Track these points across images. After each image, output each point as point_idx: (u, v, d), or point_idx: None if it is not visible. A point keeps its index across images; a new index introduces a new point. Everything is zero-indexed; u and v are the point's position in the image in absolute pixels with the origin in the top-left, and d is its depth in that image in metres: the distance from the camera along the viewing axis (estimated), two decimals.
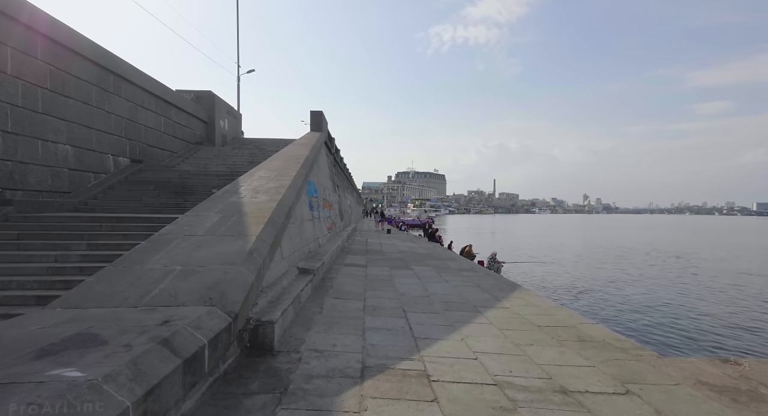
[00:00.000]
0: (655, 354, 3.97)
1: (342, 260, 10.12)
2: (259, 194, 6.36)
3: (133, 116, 10.76)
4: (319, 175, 12.25)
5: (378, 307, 5.54)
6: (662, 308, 14.07)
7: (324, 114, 16.26)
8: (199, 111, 14.27)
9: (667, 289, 17.50)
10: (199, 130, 14.35)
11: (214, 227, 4.75)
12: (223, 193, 6.38)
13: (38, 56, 8.18)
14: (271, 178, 7.51)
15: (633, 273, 21.88)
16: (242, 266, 3.76)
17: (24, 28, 7.88)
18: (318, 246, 9.55)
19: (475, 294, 6.78)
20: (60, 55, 8.68)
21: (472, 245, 16.90)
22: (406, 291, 6.77)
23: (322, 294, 6.11)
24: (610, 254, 31.87)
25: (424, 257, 12.59)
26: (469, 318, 5.18)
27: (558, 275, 20.35)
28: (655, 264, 26.27)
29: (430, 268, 9.90)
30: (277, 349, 3.62)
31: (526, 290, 7.39)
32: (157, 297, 3.11)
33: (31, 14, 8.00)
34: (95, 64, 9.45)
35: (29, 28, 7.97)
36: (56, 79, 8.59)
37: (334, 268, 8.79)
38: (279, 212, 5.63)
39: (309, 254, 8.04)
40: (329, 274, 7.96)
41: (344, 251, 12.24)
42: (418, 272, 8.99)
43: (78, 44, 8.97)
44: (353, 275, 8.04)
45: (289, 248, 6.23)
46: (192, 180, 9.87)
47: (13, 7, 7.66)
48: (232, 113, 17.13)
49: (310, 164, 9.81)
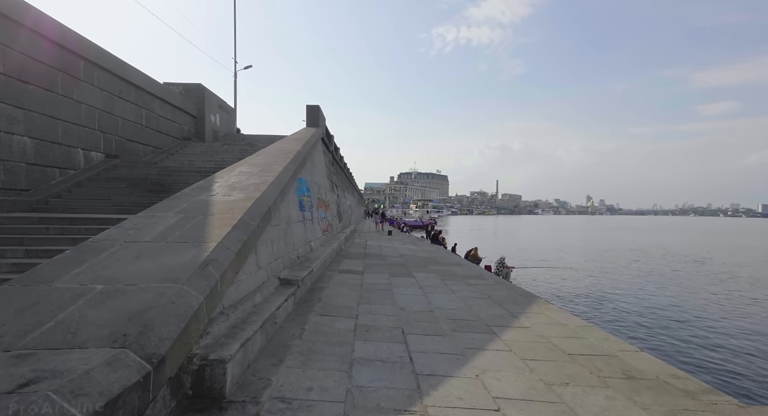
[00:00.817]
0: (734, 402, 3.01)
1: (337, 266, 9.19)
2: (235, 191, 5.44)
3: (109, 107, 9.82)
4: (313, 172, 11.33)
5: (372, 327, 4.60)
6: (703, 324, 12.13)
7: (321, 109, 15.34)
8: (187, 105, 13.36)
9: (699, 299, 15.81)
10: (187, 125, 13.45)
11: (167, 232, 3.82)
12: (192, 190, 5.46)
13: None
14: (253, 173, 6.59)
15: (656, 280, 20.24)
16: (187, 285, 2.83)
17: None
18: (309, 251, 8.62)
19: (486, 309, 5.84)
20: (15, 35, 7.72)
21: (477, 248, 15.92)
22: (407, 304, 5.83)
23: (307, 310, 5.18)
24: (624, 258, 30.41)
25: (427, 261, 11.65)
26: (483, 343, 4.23)
27: (573, 282, 18.98)
28: (678, 269, 24.61)
29: (433, 275, 8.95)
30: (229, 397, 2.69)
31: (545, 303, 6.43)
32: (47, 334, 2.18)
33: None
34: (61, 47, 8.48)
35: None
36: (11, 62, 7.64)
37: (326, 275, 7.86)
38: (254, 213, 4.70)
39: (297, 260, 7.12)
40: (320, 282, 7.03)
41: (340, 255, 11.32)
42: (420, 280, 8.06)
43: (39, 24, 8.02)
44: (347, 284, 7.11)
45: (269, 254, 5.30)
46: (171, 177, 8.96)
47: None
48: (225, 108, 16.22)
49: (302, 159, 8.89)
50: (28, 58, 7.94)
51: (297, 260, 7.04)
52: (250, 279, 4.36)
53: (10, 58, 7.70)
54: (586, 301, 15.10)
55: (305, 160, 9.52)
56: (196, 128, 13.99)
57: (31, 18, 8.03)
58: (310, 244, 8.89)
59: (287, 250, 6.52)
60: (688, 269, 24.54)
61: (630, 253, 34.21)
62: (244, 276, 4.19)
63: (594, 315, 13.14)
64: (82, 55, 8.88)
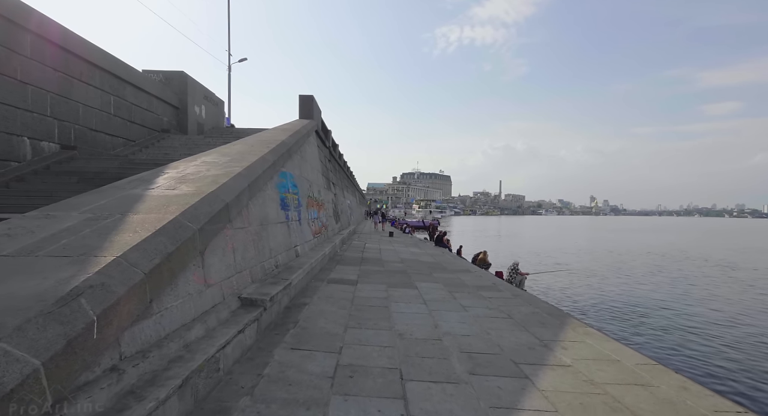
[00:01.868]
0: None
1: (327, 274, 7.95)
2: (184, 184, 4.20)
3: (66, 91, 8.55)
4: (303, 167, 10.10)
5: (359, 369, 3.35)
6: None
7: (315, 100, 14.13)
8: (167, 94, 12.13)
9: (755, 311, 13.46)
10: (167, 116, 12.22)
11: (49, 239, 2.59)
12: (128, 182, 4.23)
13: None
14: (218, 164, 5.35)
15: (689, 288, 17.79)
16: (12, 339, 1.59)
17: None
18: (295, 256, 7.39)
19: (509, 334, 4.58)
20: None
21: (486, 252, 14.58)
22: (407, 329, 4.58)
23: (275, 340, 3.93)
24: (644, 262, 28.08)
25: (432, 267, 10.39)
26: (513, 396, 2.98)
27: (598, 290, 16.78)
28: (712, 276, 21.71)
29: (439, 285, 7.69)
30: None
31: (580, 325, 5.16)
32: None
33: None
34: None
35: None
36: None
37: (312, 287, 6.62)
38: (199, 212, 3.47)
39: (275, 269, 5.88)
40: (302, 297, 5.79)
41: (334, 261, 10.07)
42: (424, 292, 6.80)
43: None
44: (335, 299, 5.86)
45: (227, 267, 4.06)
46: (135, 171, 7.73)
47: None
48: (212, 99, 15.01)
49: (286, 150, 7.65)
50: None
51: (275, 271, 5.80)
52: (186, 305, 3.12)
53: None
54: (617, 314, 13.04)
55: (291, 152, 8.29)
56: (178, 120, 12.78)
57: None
58: (296, 249, 7.65)
59: (260, 258, 5.29)
60: (716, 274, 22.60)
61: (648, 256, 31.97)
62: (174, 301, 2.95)
63: (632, 333, 10.97)
64: (24, 25, 7.56)
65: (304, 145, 10.70)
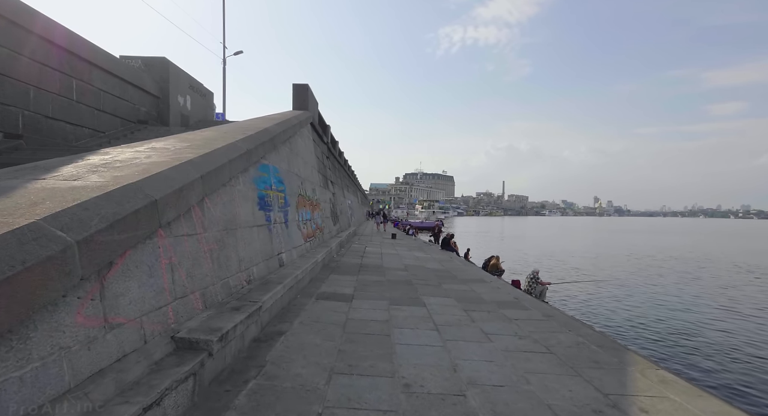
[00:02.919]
0: None
1: (317, 287, 6.68)
2: (98, 173, 2.95)
3: (7, 69, 7.32)
4: (294, 162, 8.85)
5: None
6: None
7: (311, 90, 12.88)
8: (145, 81, 10.87)
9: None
10: (145, 105, 10.97)
11: None
12: (15, 170, 2.98)
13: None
14: (169, 150, 4.10)
15: (742, 305, 14.55)
16: None
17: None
18: (278, 267, 6.14)
19: (557, 383, 3.30)
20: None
21: (498, 257, 13.15)
22: (416, 376, 3.31)
23: (221, 404, 2.66)
24: (671, 267, 24.99)
25: (440, 276, 9.11)
26: None
27: (628, 303, 13.94)
28: (755, 285, 19.11)
29: (451, 300, 6.42)
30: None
31: (648, 365, 3.86)
32: None
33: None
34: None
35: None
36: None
37: (296, 305, 5.36)
38: (90, 214, 2.21)
39: (246, 285, 4.62)
40: (279, 323, 4.53)
41: (328, 268, 8.82)
42: (434, 312, 5.52)
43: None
44: (322, 325, 4.59)
45: (155, 293, 2.80)
46: None
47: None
48: (199, 90, 13.77)
49: (269, 139, 6.39)
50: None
51: (244, 288, 4.54)
52: (50, 369, 1.86)
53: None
54: (661, 336, 10.45)
55: (276, 142, 7.03)
56: (159, 111, 11.54)
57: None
58: (280, 257, 6.40)
59: (222, 273, 4.03)
60: (759, 283, 19.99)
61: (673, 261, 28.89)
62: (21, 368, 1.69)
63: (691, 366, 8.54)
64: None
65: (295, 137, 9.46)
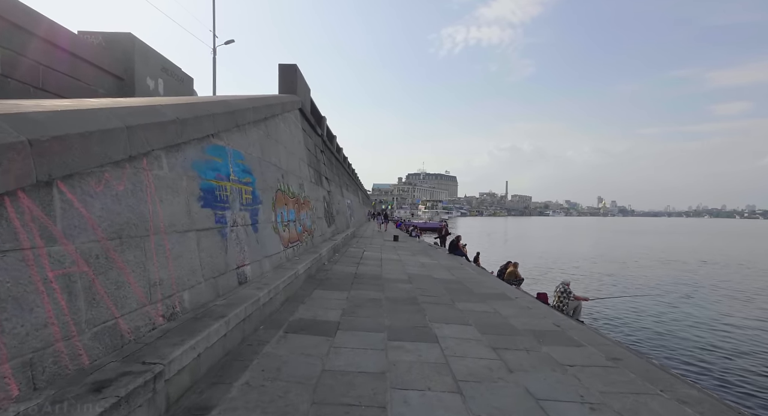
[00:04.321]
0: None
1: (292, 311, 5.00)
2: None
3: None
4: (271, 149, 7.19)
5: None
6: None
7: (300, 72, 11.23)
8: (104, 59, 9.13)
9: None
10: (104, 87, 9.28)
11: None
12: None
13: None
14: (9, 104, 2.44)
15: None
16: None
17: None
18: (237, 285, 4.46)
19: None
20: None
21: (517, 264, 11.32)
22: None
23: None
24: (718, 277, 20.30)
25: (452, 289, 7.41)
26: None
27: (686, 326, 10.81)
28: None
29: (473, 331, 4.72)
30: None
31: None
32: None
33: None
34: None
35: None
36: None
37: (252, 344, 3.68)
38: None
39: (163, 322, 2.97)
40: (214, 383, 2.85)
41: (314, 280, 7.14)
42: (450, 354, 3.83)
43: None
44: (281, 385, 2.91)
45: None
46: None
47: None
48: (174, 74, 12.07)
49: (227, 112, 4.71)
50: None
51: (154, 330, 2.87)
52: None
53: None
54: (740, 376, 7.51)
55: (241, 120, 5.34)
56: (123, 94, 9.93)
57: None
58: (242, 271, 4.73)
59: (97, 316, 2.36)
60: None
61: (710, 267, 24.52)
62: None
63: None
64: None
65: (275, 120, 7.80)
